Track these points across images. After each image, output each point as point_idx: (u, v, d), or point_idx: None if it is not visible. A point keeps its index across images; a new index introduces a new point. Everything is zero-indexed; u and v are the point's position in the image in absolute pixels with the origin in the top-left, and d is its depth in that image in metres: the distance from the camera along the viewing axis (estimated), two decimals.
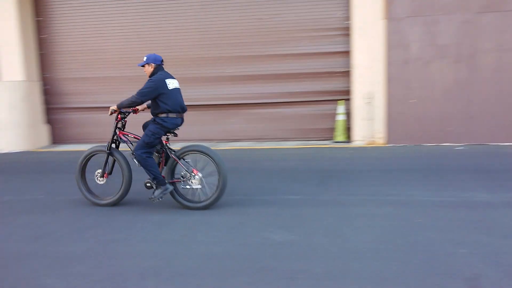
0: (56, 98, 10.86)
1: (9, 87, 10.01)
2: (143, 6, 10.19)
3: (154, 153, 4.90)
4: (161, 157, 4.97)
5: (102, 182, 5.21)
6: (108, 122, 10.30)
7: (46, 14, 10.62)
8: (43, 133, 10.70)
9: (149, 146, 4.75)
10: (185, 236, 4.09)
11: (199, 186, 4.80)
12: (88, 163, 5.32)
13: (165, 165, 4.96)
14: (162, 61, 4.91)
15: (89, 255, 3.69)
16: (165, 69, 4.98)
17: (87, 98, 10.71)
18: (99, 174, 5.17)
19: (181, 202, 4.89)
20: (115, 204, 5.15)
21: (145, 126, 5.02)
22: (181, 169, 4.83)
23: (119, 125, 5.10)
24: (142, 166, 4.75)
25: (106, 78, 10.56)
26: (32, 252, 3.82)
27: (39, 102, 10.63)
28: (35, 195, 5.96)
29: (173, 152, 4.89)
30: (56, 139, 10.98)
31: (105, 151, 5.10)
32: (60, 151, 10.05)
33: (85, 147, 9.94)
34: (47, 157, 9.32)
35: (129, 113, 5.08)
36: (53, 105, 10.90)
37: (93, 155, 5.26)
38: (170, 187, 4.78)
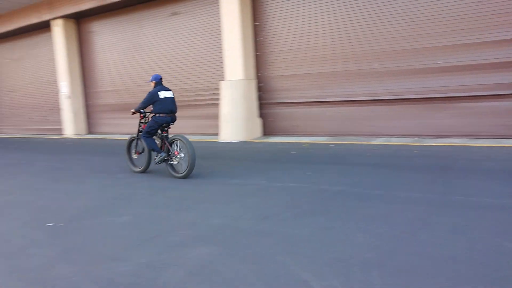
0: (268, 94, 12.07)
1: (231, 85, 11.63)
2: (350, 2, 10.37)
3: (158, 138, 7.43)
4: (163, 142, 7.32)
5: (136, 157, 8.03)
6: (316, 116, 10.92)
7: (262, 19, 11.87)
8: (257, 125, 12.06)
9: (149, 133, 7.32)
10: (404, 232, 4.07)
11: (176, 162, 7.22)
12: (132, 144, 8.09)
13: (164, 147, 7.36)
14: (161, 79, 7.43)
15: (312, 239, 4.04)
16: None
17: (295, 94, 11.56)
18: (133, 151, 8.00)
19: (170, 172, 7.31)
20: (144, 171, 7.87)
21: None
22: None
23: (142, 120, 7.66)
24: (145, 144, 7.39)
25: (312, 74, 11.19)
26: (262, 230, 4.40)
27: (255, 98, 12.00)
28: (257, 180, 6.80)
29: (166, 139, 7.28)
30: (267, 131, 12.23)
31: (135, 138, 7.86)
32: (272, 142, 11.14)
33: (294, 139, 10.80)
34: (262, 147, 10.46)
35: (147, 112, 7.61)
36: (265, 101, 12.15)
37: (132, 140, 8.03)
38: (164, 154, 7.20)
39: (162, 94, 7.12)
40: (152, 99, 7.10)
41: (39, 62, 17.61)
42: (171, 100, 7.24)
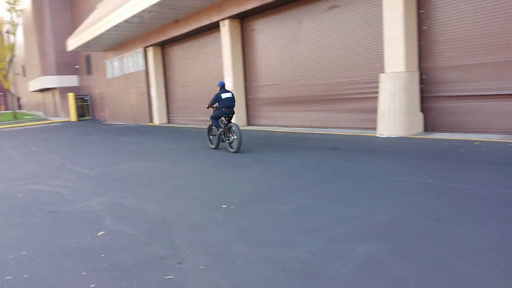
0: (431, 86, 11.18)
1: (391, 77, 11.10)
2: None
3: (222, 124, 10.66)
4: (225, 127, 10.55)
5: (211, 138, 11.68)
6: (490, 111, 9.74)
7: (428, 6, 11.01)
8: (418, 120, 11.29)
9: (214, 117, 10.66)
10: None
11: (230, 141, 10.45)
12: (209, 129, 11.62)
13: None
14: (224, 85, 10.74)
15: (499, 249, 3.61)
16: None
17: (465, 86, 10.45)
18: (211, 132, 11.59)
19: (228, 148, 10.52)
20: (216, 148, 11.26)
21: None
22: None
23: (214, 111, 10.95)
24: (212, 122, 10.86)
25: (487, 64, 9.96)
26: (435, 232, 4.11)
27: (417, 91, 11.24)
28: (423, 178, 6.38)
29: (225, 125, 10.53)
30: (428, 126, 11.35)
31: (211, 125, 11.45)
32: (436, 138, 10.31)
33: (461, 136, 9.81)
34: (424, 143, 9.76)
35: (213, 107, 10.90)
36: (428, 94, 11.28)
37: (209, 126, 11.54)
38: (222, 129, 10.55)
39: (224, 95, 10.44)
40: (216, 99, 10.51)
41: (207, 59, 19.58)
42: (230, 99, 10.51)
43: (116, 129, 22.18)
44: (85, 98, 33.74)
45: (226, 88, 14.50)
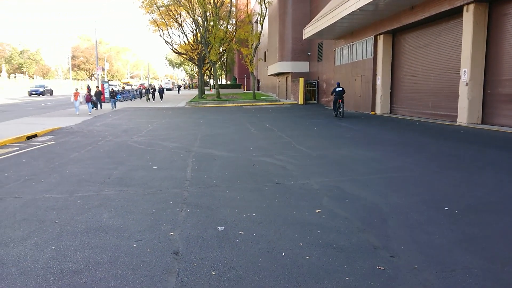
0: None
1: None
2: None
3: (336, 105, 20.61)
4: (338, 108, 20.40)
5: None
6: None
7: None
8: None
9: (332, 103, 21.02)
10: None
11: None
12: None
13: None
14: (338, 84, 20.95)
15: None
16: None
17: None
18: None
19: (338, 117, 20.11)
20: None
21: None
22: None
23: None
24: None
25: None
26: None
27: None
28: None
29: (339, 106, 20.46)
30: None
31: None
32: None
33: None
34: None
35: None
36: None
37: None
38: (335, 112, 20.79)
39: (337, 89, 19.65)
40: (332, 92, 19.97)
41: (442, 49, 17.97)
42: (340, 92, 19.77)
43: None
44: (313, 83, 35.91)
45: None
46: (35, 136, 14.66)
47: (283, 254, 3.99)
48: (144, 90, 46.42)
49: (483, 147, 10.13)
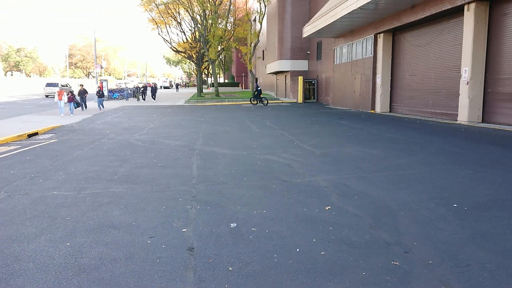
0: None
1: None
2: None
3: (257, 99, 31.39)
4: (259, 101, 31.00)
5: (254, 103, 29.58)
6: None
7: None
8: None
9: (254, 97, 31.46)
10: None
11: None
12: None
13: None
14: (257, 81, 42.24)
15: None
16: None
17: None
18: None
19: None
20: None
21: None
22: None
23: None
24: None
25: None
26: None
27: None
28: None
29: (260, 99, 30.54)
30: None
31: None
32: None
33: None
34: None
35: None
36: None
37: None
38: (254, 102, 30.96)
39: (258, 88, 29.81)
40: (255, 91, 28.96)
41: (443, 47, 18.05)
42: (260, 90, 30.26)
43: (338, 113, 22.96)
44: (312, 82, 35.96)
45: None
46: (36, 134, 14.63)
47: (297, 250, 4.03)
48: (134, 89, 43.62)
49: (485, 145, 10.20)
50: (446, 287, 3.22)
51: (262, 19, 39.87)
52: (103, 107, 26.53)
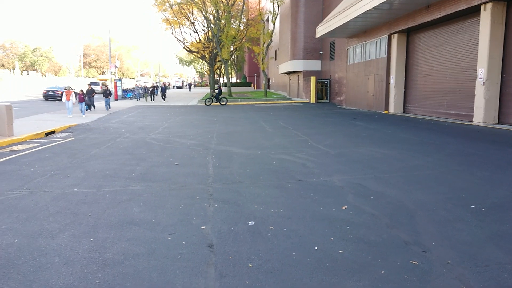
0: None
1: None
2: None
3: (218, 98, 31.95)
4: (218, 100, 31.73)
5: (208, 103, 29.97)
6: None
7: None
8: None
9: (215, 97, 32.35)
10: None
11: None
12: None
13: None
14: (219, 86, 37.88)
15: None
16: None
17: None
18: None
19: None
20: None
21: None
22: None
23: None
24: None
25: None
26: None
27: None
28: None
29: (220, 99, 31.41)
30: None
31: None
32: None
33: None
34: None
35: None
36: None
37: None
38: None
39: (218, 90, 29.84)
40: (218, 92, 28.05)
41: (458, 48, 17.89)
42: (220, 91, 31.13)
43: (351, 113, 22.90)
44: (325, 82, 35.88)
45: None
46: (53, 132, 14.89)
47: (315, 248, 4.08)
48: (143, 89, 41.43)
49: (502, 147, 10.10)
50: (466, 287, 3.24)
51: (275, 19, 39.88)
52: (109, 107, 26.12)
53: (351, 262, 3.74)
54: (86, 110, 22.55)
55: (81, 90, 22.51)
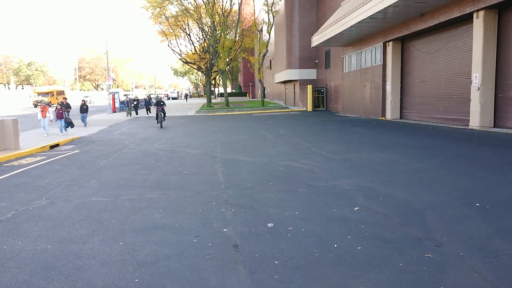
0: None
1: None
2: None
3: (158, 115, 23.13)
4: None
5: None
6: None
7: None
8: None
9: (156, 116, 24.13)
10: None
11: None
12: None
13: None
14: (160, 98, 26.14)
15: None
16: None
17: None
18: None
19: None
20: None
21: None
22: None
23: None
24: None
25: None
26: None
27: None
28: None
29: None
30: None
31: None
32: None
33: None
34: None
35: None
36: None
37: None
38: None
39: (160, 103, 21.85)
40: (156, 104, 21.90)
41: (452, 54, 18.36)
42: (161, 104, 21.87)
43: (350, 120, 23.27)
44: (321, 90, 36.36)
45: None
46: (57, 145, 15.09)
47: (335, 245, 4.34)
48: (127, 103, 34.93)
49: (500, 149, 10.45)
50: (479, 275, 3.51)
51: (270, 30, 40.44)
52: (85, 123, 23.27)
53: (370, 257, 4.00)
54: (66, 128, 18.91)
55: (59, 104, 18.79)
